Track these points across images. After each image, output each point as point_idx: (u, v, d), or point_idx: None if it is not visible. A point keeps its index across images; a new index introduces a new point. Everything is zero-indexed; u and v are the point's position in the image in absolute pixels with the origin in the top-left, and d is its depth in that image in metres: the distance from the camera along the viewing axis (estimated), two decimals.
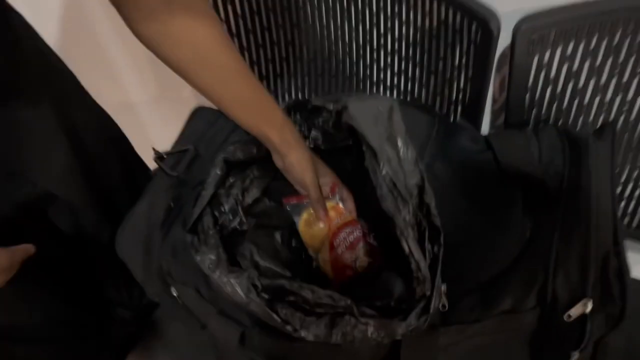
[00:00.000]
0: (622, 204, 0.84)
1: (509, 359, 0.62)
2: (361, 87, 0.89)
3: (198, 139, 0.76)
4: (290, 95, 1.01)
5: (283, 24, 0.90)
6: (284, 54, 0.95)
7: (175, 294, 0.68)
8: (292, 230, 0.71)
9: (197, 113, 0.80)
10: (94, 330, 0.82)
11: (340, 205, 0.68)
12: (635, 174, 0.80)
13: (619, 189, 0.83)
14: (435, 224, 0.54)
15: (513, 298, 0.56)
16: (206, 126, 0.77)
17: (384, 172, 0.54)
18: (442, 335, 0.57)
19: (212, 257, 0.58)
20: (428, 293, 0.52)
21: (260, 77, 0.99)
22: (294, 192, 0.69)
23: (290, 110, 0.67)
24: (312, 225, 0.69)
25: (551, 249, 0.57)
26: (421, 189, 0.55)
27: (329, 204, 0.68)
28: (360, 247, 0.66)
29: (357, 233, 0.67)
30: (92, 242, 0.79)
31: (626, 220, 0.86)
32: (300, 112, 0.68)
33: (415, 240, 0.52)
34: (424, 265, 0.52)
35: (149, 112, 1.28)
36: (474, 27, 0.72)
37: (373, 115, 0.57)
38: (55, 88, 0.69)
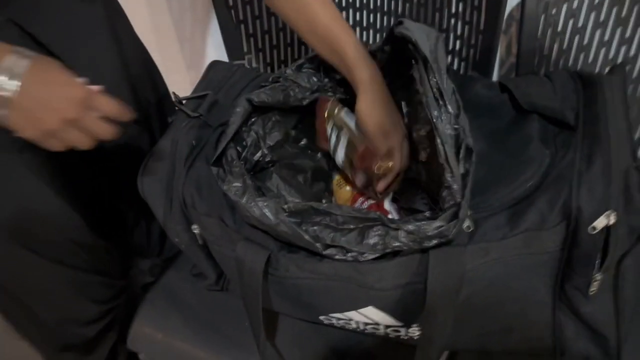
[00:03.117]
0: None
1: (531, 289, 0.63)
2: None
3: (216, 88, 0.77)
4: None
5: None
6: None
7: (196, 231, 0.67)
8: (313, 175, 0.72)
9: (214, 67, 0.81)
10: (116, 270, 0.81)
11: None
12: None
13: None
14: (469, 144, 0.55)
15: (538, 214, 0.57)
16: (224, 77, 0.78)
17: (432, 80, 0.55)
18: (468, 255, 0.57)
19: (239, 184, 0.59)
20: (459, 199, 0.53)
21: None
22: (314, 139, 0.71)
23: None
24: (341, 187, 0.74)
25: (573, 168, 0.58)
26: (457, 116, 0.57)
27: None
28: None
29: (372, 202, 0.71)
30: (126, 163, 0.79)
31: None
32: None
33: (453, 150, 0.53)
34: (457, 172, 0.53)
35: None
36: None
37: (425, 33, 0.59)
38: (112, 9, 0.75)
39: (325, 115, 0.70)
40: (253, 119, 0.68)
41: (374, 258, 0.56)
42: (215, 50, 1.13)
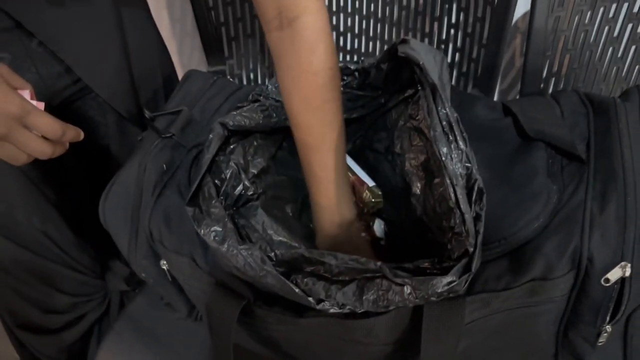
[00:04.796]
0: None
1: (532, 336, 0.58)
2: None
3: (192, 102, 0.70)
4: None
5: None
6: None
7: (165, 267, 0.61)
8: (302, 204, 0.66)
9: (189, 77, 0.74)
10: (91, 267, 0.79)
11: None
12: None
13: None
14: (480, 184, 0.49)
15: (545, 262, 0.51)
16: (200, 90, 0.71)
17: (442, 111, 0.49)
18: (467, 306, 0.51)
19: (218, 228, 0.51)
20: (471, 249, 0.47)
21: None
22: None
23: None
24: None
25: (585, 210, 0.52)
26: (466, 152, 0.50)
27: None
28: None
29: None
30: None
31: None
32: None
33: (465, 191, 0.47)
34: (469, 218, 0.46)
35: None
36: None
37: (431, 54, 0.52)
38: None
39: None
40: (232, 146, 0.61)
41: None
42: (193, 55, 1.05)
